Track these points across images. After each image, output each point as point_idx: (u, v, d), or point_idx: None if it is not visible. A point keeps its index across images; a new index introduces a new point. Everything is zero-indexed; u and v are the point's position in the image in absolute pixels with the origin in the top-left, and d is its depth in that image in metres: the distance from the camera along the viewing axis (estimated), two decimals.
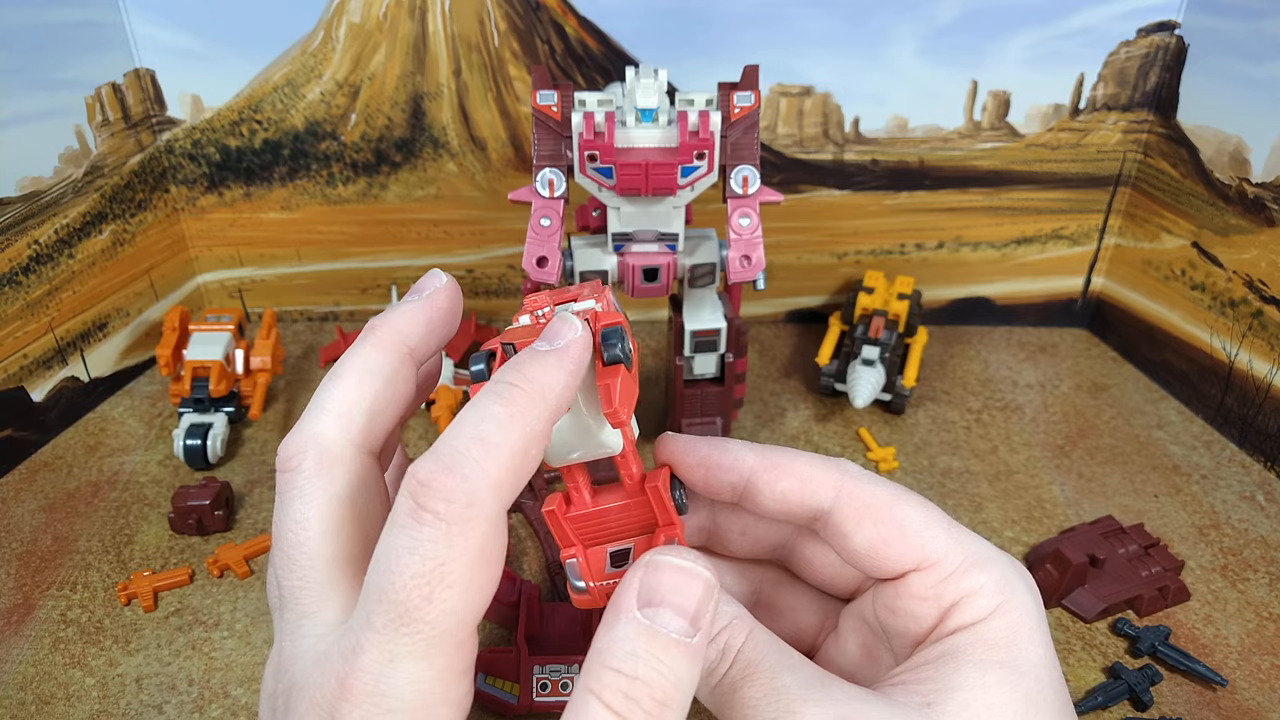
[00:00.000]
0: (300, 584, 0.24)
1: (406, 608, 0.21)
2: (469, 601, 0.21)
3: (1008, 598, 0.25)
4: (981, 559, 0.26)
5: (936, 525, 0.26)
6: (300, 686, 0.22)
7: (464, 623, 0.21)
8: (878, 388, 0.60)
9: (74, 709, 0.41)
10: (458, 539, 0.21)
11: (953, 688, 0.24)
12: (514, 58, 0.65)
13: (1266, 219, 0.57)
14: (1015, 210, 0.71)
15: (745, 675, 0.24)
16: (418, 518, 0.21)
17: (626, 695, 0.21)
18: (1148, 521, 0.53)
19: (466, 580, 0.21)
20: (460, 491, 0.21)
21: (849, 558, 0.27)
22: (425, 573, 0.21)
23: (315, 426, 0.25)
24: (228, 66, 0.65)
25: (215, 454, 0.56)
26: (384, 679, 0.21)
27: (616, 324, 0.25)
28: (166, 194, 0.69)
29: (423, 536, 0.21)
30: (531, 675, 0.40)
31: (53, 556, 0.50)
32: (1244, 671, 0.43)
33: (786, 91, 0.66)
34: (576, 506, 0.27)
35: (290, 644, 0.23)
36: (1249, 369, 0.59)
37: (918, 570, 0.26)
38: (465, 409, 0.23)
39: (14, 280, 0.57)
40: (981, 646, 0.24)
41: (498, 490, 0.22)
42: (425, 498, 0.21)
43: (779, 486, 0.27)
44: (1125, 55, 0.65)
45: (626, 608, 0.23)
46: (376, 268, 0.73)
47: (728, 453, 0.28)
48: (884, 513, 0.26)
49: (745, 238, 0.48)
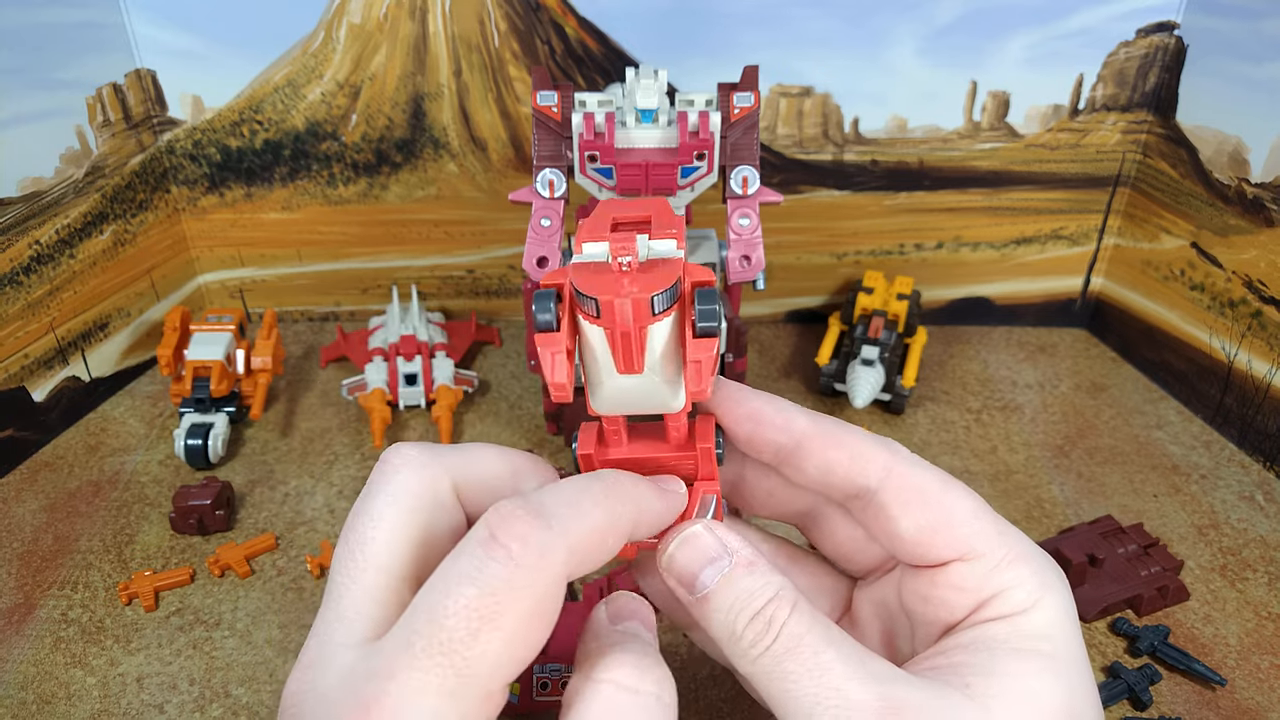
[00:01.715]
0: (349, 582, 0.23)
1: (451, 638, 0.20)
2: (512, 652, 0.21)
3: (1047, 593, 0.25)
4: (1024, 553, 0.26)
5: (985, 517, 0.26)
6: (321, 699, 0.22)
7: (499, 673, 0.21)
8: (877, 388, 0.60)
9: (75, 708, 0.41)
10: (521, 583, 0.21)
11: (992, 673, 0.23)
12: (514, 58, 0.65)
13: (1266, 219, 0.57)
14: (1015, 210, 0.71)
15: (789, 649, 0.23)
16: (489, 549, 0.21)
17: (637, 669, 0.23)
18: (1147, 521, 0.53)
19: (516, 628, 0.21)
20: (538, 539, 0.21)
21: (889, 540, 0.27)
22: (479, 607, 0.20)
23: (436, 448, 0.26)
24: (228, 67, 0.65)
25: (216, 454, 0.56)
26: (408, 710, 0.20)
27: (710, 285, 0.23)
28: (167, 194, 0.69)
29: (488, 570, 0.21)
30: (532, 675, 0.40)
31: (54, 556, 0.50)
32: (1243, 671, 0.43)
33: (786, 92, 0.66)
34: (613, 450, 0.26)
35: (318, 649, 0.23)
36: (1248, 369, 0.59)
37: (962, 560, 0.26)
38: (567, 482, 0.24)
39: (15, 280, 0.57)
40: (1019, 637, 0.24)
41: (571, 555, 0.22)
42: (503, 533, 0.21)
43: (829, 455, 0.27)
44: (1124, 56, 0.65)
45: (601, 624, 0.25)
46: (377, 268, 0.73)
47: (782, 411, 0.27)
48: (933, 499, 0.26)
49: (745, 238, 0.48)
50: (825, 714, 0.22)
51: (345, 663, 0.22)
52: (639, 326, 0.23)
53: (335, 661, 0.22)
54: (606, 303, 0.22)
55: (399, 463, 0.25)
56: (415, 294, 0.69)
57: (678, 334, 0.24)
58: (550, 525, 0.21)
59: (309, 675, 0.22)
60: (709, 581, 0.25)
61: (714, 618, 0.25)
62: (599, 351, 0.24)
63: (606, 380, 0.25)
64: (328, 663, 0.22)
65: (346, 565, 0.23)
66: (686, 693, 0.42)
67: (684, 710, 0.41)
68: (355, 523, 0.24)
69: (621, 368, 0.24)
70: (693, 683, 0.42)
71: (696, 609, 0.25)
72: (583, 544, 0.22)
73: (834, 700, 0.22)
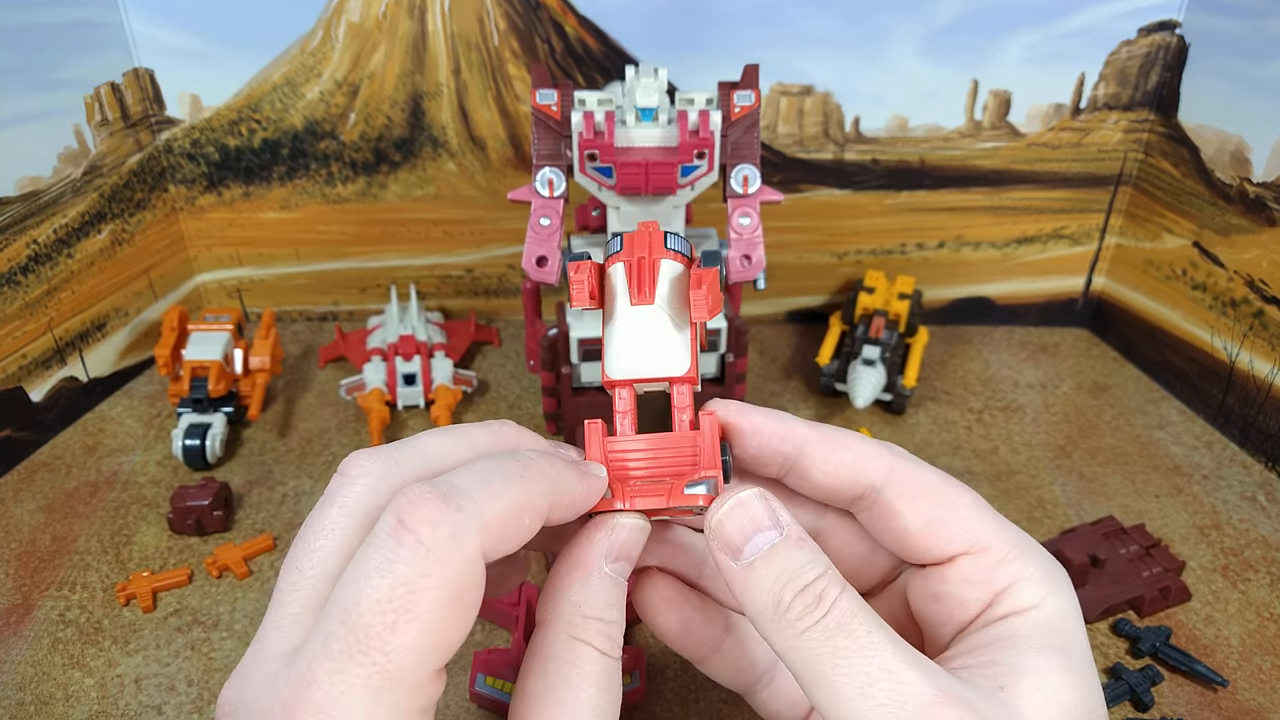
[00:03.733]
0: (290, 590, 0.23)
1: (367, 633, 0.20)
2: (434, 640, 0.20)
3: (1054, 587, 0.25)
4: (1028, 548, 0.26)
5: (986, 512, 0.26)
6: (246, 708, 0.21)
7: (424, 662, 0.20)
8: (878, 388, 0.60)
9: (73, 709, 0.41)
10: (435, 569, 0.20)
11: (1021, 671, 0.23)
12: (513, 57, 0.65)
13: (1267, 219, 0.57)
14: (1016, 210, 0.71)
15: (841, 624, 0.23)
16: (398, 537, 0.20)
17: (609, 638, 0.24)
18: (1149, 522, 0.52)
19: (435, 616, 0.20)
20: (449, 521, 0.20)
21: (896, 538, 0.27)
22: (393, 598, 0.20)
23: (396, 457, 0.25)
24: (227, 66, 0.65)
25: (214, 454, 0.56)
26: (333, 713, 0.19)
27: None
28: (165, 194, 0.69)
29: (398, 558, 0.20)
30: None
31: (51, 557, 0.50)
32: (1245, 672, 0.43)
33: (787, 91, 0.66)
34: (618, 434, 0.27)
35: (251, 656, 0.22)
36: (1250, 369, 0.59)
37: (969, 554, 0.26)
38: (480, 460, 0.23)
39: (13, 280, 0.56)
40: (1039, 632, 0.24)
41: (485, 535, 0.21)
42: (411, 518, 0.20)
43: (834, 458, 0.27)
44: (1126, 55, 0.65)
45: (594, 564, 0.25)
46: (376, 267, 0.73)
47: (784, 422, 0.28)
48: (937, 494, 0.26)
49: (745, 237, 0.48)
50: (879, 694, 0.22)
51: (272, 671, 0.21)
52: (653, 256, 0.27)
53: (264, 669, 0.21)
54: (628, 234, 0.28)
55: (356, 474, 0.24)
56: (414, 293, 0.69)
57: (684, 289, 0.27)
58: (461, 507, 0.21)
59: (238, 682, 0.22)
60: (757, 550, 0.24)
61: (758, 586, 0.24)
62: (618, 288, 0.28)
63: (621, 321, 0.27)
64: (257, 670, 0.22)
65: (290, 574, 0.23)
66: (686, 693, 0.41)
67: (684, 710, 0.41)
68: (305, 532, 0.24)
69: (635, 297, 0.27)
70: (693, 684, 0.42)
71: (737, 579, 0.25)
72: (497, 523, 0.22)
73: (888, 682, 0.22)
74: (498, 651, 0.41)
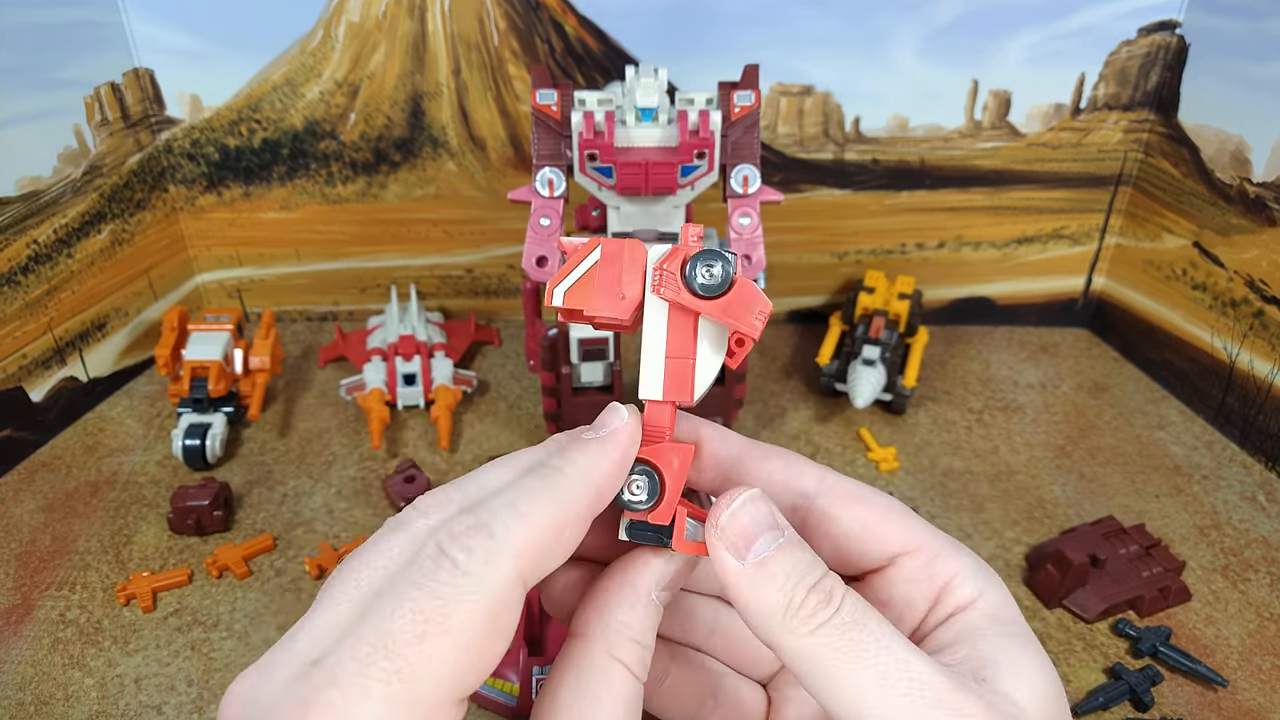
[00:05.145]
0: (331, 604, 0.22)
1: (395, 640, 0.20)
2: (461, 659, 0.20)
3: (987, 577, 0.26)
4: (953, 544, 0.27)
5: (910, 515, 0.28)
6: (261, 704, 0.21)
7: (448, 681, 0.20)
8: (878, 388, 0.60)
9: (73, 709, 0.41)
10: (469, 592, 0.21)
11: (996, 660, 0.24)
12: (513, 57, 0.65)
13: (1267, 219, 0.57)
14: (1016, 210, 0.71)
15: (855, 620, 0.23)
16: (437, 562, 0.21)
17: (644, 663, 0.25)
18: (1149, 522, 0.52)
19: (466, 634, 0.20)
20: (483, 548, 0.21)
21: (835, 544, 0.27)
22: (426, 609, 0.20)
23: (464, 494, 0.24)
24: (227, 66, 0.65)
25: (214, 454, 0.56)
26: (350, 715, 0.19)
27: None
28: (165, 194, 0.69)
29: (436, 579, 0.21)
30: (531, 675, 0.40)
31: (51, 557, 0.50)
32: (1245, 672, 0.43)
33: (787, 91, 0.66)
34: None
35: (278, 652, 0.22)
36: (1250, 369, 0.59)
37: (908, 553, 0.27)
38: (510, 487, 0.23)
39: (13, 280, 0.56)
40: (994, 623, 0.25)
41: (519, 559, 0.22)
42: (450, 545, 0.21)
43: (766, 464, 0.28)
44: (1126, 55, 0.65)
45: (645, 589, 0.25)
46: (376, 267, 0.73)
47: (719, 430, 0.29)
48: (868, 501, 0.27)
49: (745, 237, 0.48)
50: (898, 685, 0.22)
51: (298, 672, 0.21)
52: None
53: (289, 670, 0.21)
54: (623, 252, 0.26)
55: (426, 508, 0.24)
56: (414, 293, 0.69)
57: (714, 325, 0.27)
58: (494, 533, 0.22)
59: (257, 677, 0.22)
60: (765, 549, 0.25)
61: (769, 585, 0.24)
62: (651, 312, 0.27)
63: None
64: (282, 669, 0.21)
65: (343, 584, 0.23)
66: None
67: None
68: (364, 550, 0.23)
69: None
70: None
71: (744, 579, 0.24)
72: (530, 547, 0.22)
73: (904, 673, 0.22)
74: None
